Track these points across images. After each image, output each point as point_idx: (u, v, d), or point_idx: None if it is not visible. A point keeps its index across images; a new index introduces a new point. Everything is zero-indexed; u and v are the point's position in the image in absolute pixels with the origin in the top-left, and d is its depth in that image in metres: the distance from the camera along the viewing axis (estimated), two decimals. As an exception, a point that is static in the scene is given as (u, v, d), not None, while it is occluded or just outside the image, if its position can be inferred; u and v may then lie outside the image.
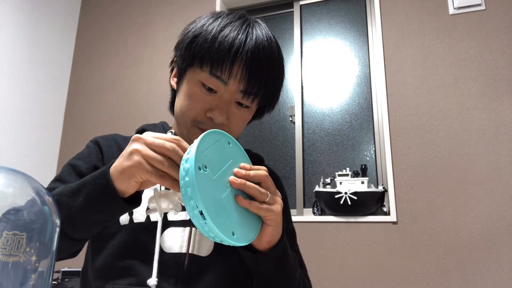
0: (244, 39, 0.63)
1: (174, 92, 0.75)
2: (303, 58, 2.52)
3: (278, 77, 0.69)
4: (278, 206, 0.53)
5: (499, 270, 1.73)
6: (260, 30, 0.66)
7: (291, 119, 2.44)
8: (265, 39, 0.65)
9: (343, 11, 2.51)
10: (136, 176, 0.48)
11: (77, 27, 3.01)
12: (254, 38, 0.64)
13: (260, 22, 0.70)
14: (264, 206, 0.52)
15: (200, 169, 0.45)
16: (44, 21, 2.68)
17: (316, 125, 2.37)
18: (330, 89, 2.40)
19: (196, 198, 0.44)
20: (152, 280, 0.59)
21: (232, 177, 0.50)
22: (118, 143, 0.75)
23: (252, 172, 0.52)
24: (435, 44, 2.09)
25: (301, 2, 2.61)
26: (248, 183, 0.50)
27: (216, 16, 0.67)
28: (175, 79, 0.73)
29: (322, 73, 2.45)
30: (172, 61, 0.74)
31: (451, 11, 2.11)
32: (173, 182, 0.47)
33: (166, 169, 0.47)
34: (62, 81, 2.83)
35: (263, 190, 0.52)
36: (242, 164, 0.53)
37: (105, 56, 2.84)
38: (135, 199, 0.54)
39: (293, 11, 2.62)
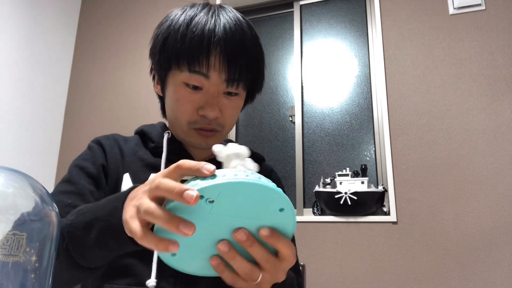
0: (213, 28, 0.61)
1: (162, 99, 0.75)
2: (303, 58, 2.51)
3: (257, 56, 0.68)
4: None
5: (499, 270, 1.73)
6: (227, 14, 0.65)
7: (291, 119, 2.44)
8: (234, 22, 0.64)
9: (343, 11, 2.51)
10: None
11: (77, 27, 3.00)
12: (222, 24, 0.62)
13: (226, 7, 0.68)
14: (239, 283, 0.42)
15: (202, 197, 0.36)
16: (44, 21, 2.68)
17: (316, 125, 2.37)
18: (330, 89, 2.40)
19: (167, 206, 0.38)
20: (151, 281, 0.58)
21: (219, 245, 0.40)
22: (118, 144, 0.75)
23: (269, 237, 0.40)
24: (435, 44, 2.09)
25: (301, 2, 2.61)
26: (234, 258, 0.41)
27: (181, 11, 0.66)
28: (159, 86, 0.72)
29: (322, 73, 2.45)
30: (151, 69, 0.74)
31: (451, 11, 2.11)
32: (157, 242, 0.37)
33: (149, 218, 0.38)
34: (62, 81, 2.83)
35: (254, 276, 0.41)
36: (262, 230, 0.40)
37: (105, 56, 2.84)
38: None
39: (293, 11, 2.62)
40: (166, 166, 0.59)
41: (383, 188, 2.03)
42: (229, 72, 0.63)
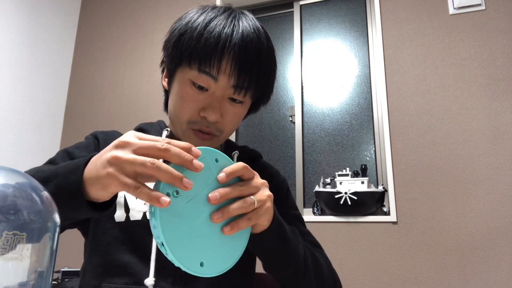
0: (230, 32, 0.61)
1: (167, 93, 0.75)
2: (303, 58, 2.52)
3: (270, 68, 0.68)
4: (268, 203, 0.50)
5: (499, 270, 1.73)
6: (247, 22, 0.64)
7: (291, 119, 2.44)
8: (252, 30, 0.63)
9: (343, 11, 2.51)
10: (111, 188, 0.44)
11: (77, 27, 3.00)
12: (240, 31, 0.62)
13: (247, 14, 0.67)
14: (253, 216, 0.48)
15: (168, 196, 0.42)
16: (44, 21, 2.68)
17: (316, 125, 2.37)
18: (330, 89, 2.40)
19: (158, 229, 0.42)
20: (150, 280, 0.58)
21: (213, 214, 0.45)
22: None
23: (226, 173, 0.47)
24: (435, 44, 2.09)
25: (301, 2, 2.61)
26: (228, 209, 0.46)
27: (202, 11, 0.65)
28: (167, 80, 0.72)
29: (322, 73, 2.45)
30: (162, 62, 0.73)
31: (451, 11, 2.11)
32: (149, 195, 0.41)
33: (150, 170, 0.41)
34: (62, 81, 2.83)
35: (248, 200, 0.47)
36: (219, 176, 0.47)
37: (105, 56, 2.84)
38: (107, 204, 0.49)
39: (293, 11, 2.62)
40: None
41: (383, 188, 2.03)
42: (238, 78, 0.62)
